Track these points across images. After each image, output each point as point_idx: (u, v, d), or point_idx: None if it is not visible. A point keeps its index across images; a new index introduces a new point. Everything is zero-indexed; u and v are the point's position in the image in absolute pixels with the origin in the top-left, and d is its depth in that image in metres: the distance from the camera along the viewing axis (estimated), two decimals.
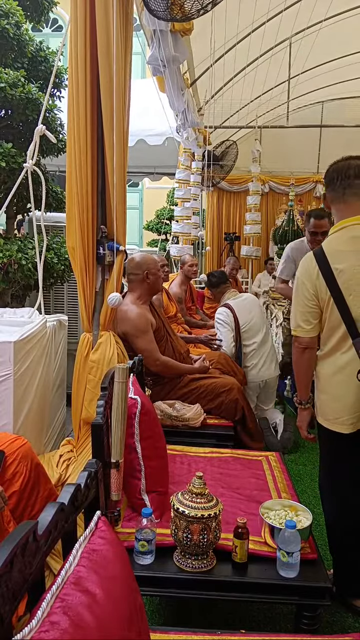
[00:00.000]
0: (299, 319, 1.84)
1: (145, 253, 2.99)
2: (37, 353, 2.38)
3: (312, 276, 1.79)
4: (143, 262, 2.82)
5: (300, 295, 1.84)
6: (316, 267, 1.78)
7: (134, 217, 11.97)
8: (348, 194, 1.80)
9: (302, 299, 1.82)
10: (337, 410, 1.81)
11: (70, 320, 3.24)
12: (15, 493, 1.71)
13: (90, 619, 0.84)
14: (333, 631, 1.86)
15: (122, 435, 1.62)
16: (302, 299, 1.83)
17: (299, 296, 1.84)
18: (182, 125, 4.49)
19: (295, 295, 1.87)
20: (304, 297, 1.82)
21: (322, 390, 1.88)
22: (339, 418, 1.80)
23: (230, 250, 7.54)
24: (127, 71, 2.21)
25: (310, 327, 1.83)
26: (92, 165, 2.22)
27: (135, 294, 2.81)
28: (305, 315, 1.82)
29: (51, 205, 3.93)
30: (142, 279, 2.79)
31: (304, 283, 1.82)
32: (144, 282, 2.80)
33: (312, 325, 1.82)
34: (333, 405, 1.83)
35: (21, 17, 3.54)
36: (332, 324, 1.78)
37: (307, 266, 1.82)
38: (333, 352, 1.81)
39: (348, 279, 1.72)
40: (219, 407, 2.79)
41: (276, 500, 1.86)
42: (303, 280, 1.82)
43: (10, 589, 0.78)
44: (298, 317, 1.85)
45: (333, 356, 1.81)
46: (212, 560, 1.60)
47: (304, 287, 1.81)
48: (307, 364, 1.89)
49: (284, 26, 4.15)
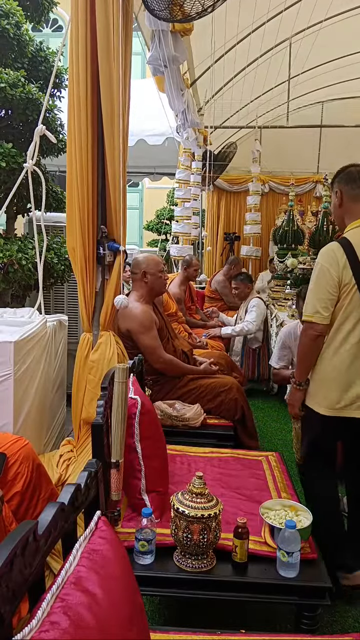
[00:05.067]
0: (318, 305, 1.87)
1: (151, 254, 3.00)
2: (37, 353, 2.38)
3: (340, 264, 1.85)
4: (142, 262, 2.84)
5: (323, 283, 1.87)
6: (344, 256, 1.84)
7: (134, 217, 11.97)
8: None
9: (325, 286, 1.87)
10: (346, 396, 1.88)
11: (70, 320, 3.24)
12: (17, 494, 1.71)
13: (90, 619, 0.84)
14: (333, 631, 1.86)
15: (122, 435, 1.62)
16: (324, 286, 1.87)
17: (321, 283, 1.88)
18: (182, 125, 4.49)
19: (317, 283, 1.90)
20: (327, 285, 1.86)
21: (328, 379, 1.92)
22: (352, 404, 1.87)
23: (230, 250, 7.54)
24: (127, 71, 2.20)
25: (327, 314, 1.87)
26: (93, 165, 2.22)
27: (137, 293, 2.83)
28: (325, 302, 1.87)
29: (51, 205, 3.93)
30: (139, 278, 2.82)
31: (329, 271, 1.86)
32: (142, 282, 2.82)
33: (329, 313, 1.87)
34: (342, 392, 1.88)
35: (21, 17, 3.54)
36: (347, 313, 1.85)
37: (334, 255, 1.87)
38: (345, 340, 1.87)
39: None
40: (219, 407, 2.79)
41: (276, 500, 1.86)
42: (328, 268, 1.87)
43: (10, 589, 0.78)
44: (317, 304, 1.88)
45: (346, 343, 1.87)
46: (212, 560, 1.60)
47: (329, 274, 1.86)
48: (315, 351, 1.95)
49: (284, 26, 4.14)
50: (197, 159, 5.34)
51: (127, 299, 2.29)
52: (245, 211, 6.91)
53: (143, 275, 2.82)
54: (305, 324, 1.93)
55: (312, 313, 1.89)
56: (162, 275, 2.88)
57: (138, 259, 2.88)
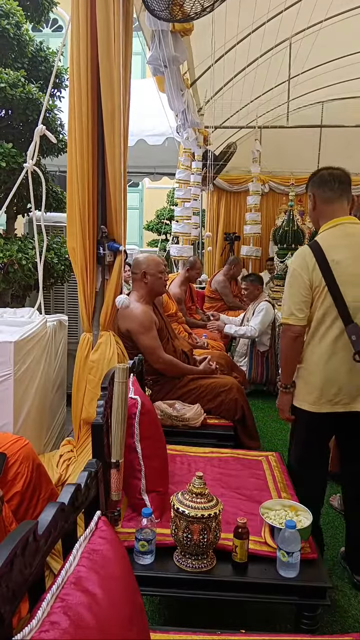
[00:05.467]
0: (293, 307, 1.96)
1: (151, 255, 2.99)
2: (37, 353, 2.38)
3: (309, 267, 1.92)
4: (143, 262, 2.84)
5: (295, 286, 1.95)
6: (313, 259, 1.91)
7: (134, 217, 11.97)
8: (343, 197, 1.99)
9: (298, 289, 1.94)
10: (327, 392, 1.94)
11: (70, 320, 3.24)
12: (17, 494, 1.71)
13: (90, 619, 0.84)
14: (333, 631, 1.86)
15: (122, 435, 1.62)
16: (297, 289, 1.94)
17: (294, 287, 1.96)
18: (182, 125, 4.49)
19: (290, 286, 1.98)
20: (299, 287, 1.94)
21: (310, 376, 1.99)
22: (333, 399, 1.93)
23: (230, 250, 7.54)
24: (127, 71, 2.20)
25: (302, 316, 1.95)
26: (93, 165, 2.22)
27: (138, 293, 2.83)
28: (299, 305, 1.94)
29: (51, 205, 3.93)
30: (139, 278, 2.82)
31: (301, 274, 1.94)
32: (141, 282, 2.83)
33: (304, 314, 1.95)
34: (324, 387, 1.94)
35: (21, 17, 3.54)
36: (321, 312, 1.92)
37: (304, 258, 1.94)
38: (322, 339, 1.94)
39: (343, 270, 1.88)
40: (219, 407, 2.79)
41: (276, 500, 1.86)
42: (299, 271, 1.94)
43: (10, 589, 0.78)
44: (292, 306, 1.96)
45: (322, 343, 1.94)
46: (212, 560, 1.60)
47: (301, 278, 1.93)
48: (296, 352, 2.02)
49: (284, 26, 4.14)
50: (197, 159, 5.34)
51: (128, 298, 2.29)
52: (245, 211, 6.91)
53: (143, 275, 2.82)
54: (284, 327, 2.02)
55: (287, 315, 1.98)
56: (162, 276, 2.87)
57: (138, 259, 2.88)
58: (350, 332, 1.86)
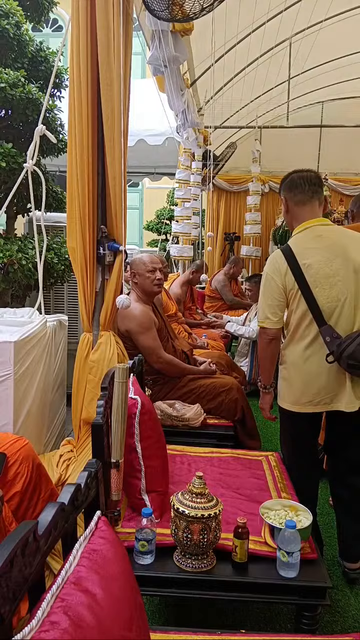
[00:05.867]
0: (267, 311, 2.00)
1: (146, 254, 2.99)
2: (37, 353, 2.38)
3: (281, 272, 1.96)
4: (132, 263, 2.88)
5: (269, 290, 2.00)
6: (285, 263, 1.95)
7: (134, 217, 11.97)
8: (314, 198, 2.01)
9: (271, 293, 1.99)
10: (307, 393, 1.97)
11: (70, 320, 3.24)
12: (17, 494, 1.71)
13: (90, 619, 0.84)
14: (333, 631, 1.86)
15: (122, 435, 1.62)
16: (270, 293, 1.99)
17: (267, 291, 2.01)
18: (182, 125, 4.49)
19: (264, 290, 2.03)
20: (272, 292, 1.99)
21: (290, 377, 2.03)
22: (313, 400, 1.97)
23: (230, 250, 7.54)
24: (127, 71, 2.20)
25: (276, 319, 2.00)
26: (93, 165, 2.22)
27: (135, 294, 2.84)
28: (273, 308, 1.99)
29: (51, 205, 3.94)
30: (130, 279, 2.87)
31: (273, 278, 1.98)
32: (132, 284, 2.87)
33: (278, 318, 2.00)
34: (304, 389, 1.98)
35: (21, 17, 3.54)
36: (298, 315, 1.96)
37: (276, 263, 1.98)
38: (300, 341, 1.98)
39: (315, 273, 1.91)
40: (219, 407, 2.79)
41: (276, 500, 1.86)
42: (272, 276, 1.99)
43: (10, 589, 0.78)
44: (266, 310, 2.01)
45: (300, 344, 1.98)
46: (212, 560, 1.60)
47: (274, 282, 1.98)
48: (272, 354, 2.09)
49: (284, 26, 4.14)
50: (197, 159, 5.33)
51: (129, 298, 2.29)
52: (245, 211, 6.90)
53: (132, 276, 2.85)
54: (260, 330, 2.07)
55: (263, 319, 2.03)
56: (150, 275, 2.79)
57: (130, 260, 2.90)
58: (324, 333, 1.89)
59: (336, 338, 1.87)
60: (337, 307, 1.90)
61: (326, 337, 1.89)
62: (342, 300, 1.89)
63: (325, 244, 1.94)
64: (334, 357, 1.88)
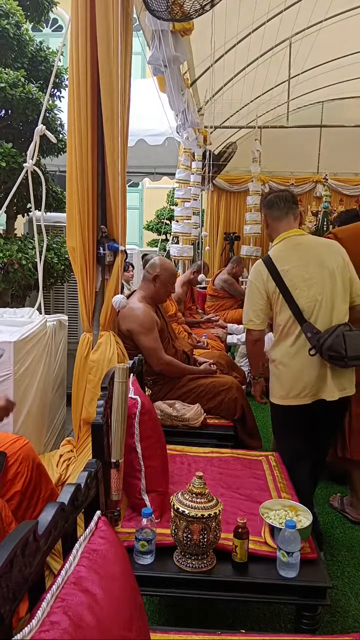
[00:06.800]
0: (251, 314, 2.22)
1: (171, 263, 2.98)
2: (37, 353, 2.38)
3: (263, 278, 2.16)
4: (159, 265, 2.85)
5: (252, 296, 2.22)
6: (266, 271, 2.16)
7: (134, 217, 11.97)
8: (289, 213, 2.25)
9: (254, 298, 2.20)
10: (296, 387, 2.12)
11: (70, 320, 3.24)
12: (17, 494, 1.71)
13: (90, 619, 0.84)
14: (333, 631, 1.86)
15: (122, 435, 1.62)
16: (253, 298, 2.21)
17: (250, 296, 2.22)
18: (182, 125, 4.48)
19: (248, 295, 2.25)
20: (254, 296, 2.20)
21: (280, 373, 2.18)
22: (301, 393, 2.12)
23: (231, 250, 7.54)
24: (127, 71, 2.20)
25: (259, 322, 2.22)
26: (93, 165, 2.22)
27: (143, 293, 2.84)
28: (257, 312, 2.21)
29: (51, 205, 3.94)
30: (150, 279, 2.82)
31: (256, 285, 2.19)
32: (150, 284, 2.83)
33: (261, 320, 2.22)
34: (292, 383, 2.13)
35: (21, 17, 3.54)
36: (282, 316, 2.15)
37: (258, 271, 2.20)
38: (286, 339, 2.15)
39: (293, 277, 2.11)
40: (219, 407, 2.79)
41: (276, 500, 1.86)
42: (255, 282, 2.20)
43: (10, 589, 0.78)
44: (250, 313, 2.22)
45: (286, 342, 2.15)
46: (212, 560, 1.60)
47: (256, 287, 2.19)
48: (257, 352, 2.34)
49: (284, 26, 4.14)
50: (197, 159, 5.34)
51: (125, 299, 2.29)
52: (245, 211, 6.91)
53: (154, 278, 2.82)
54: (246, 331, 2.31)
55: (246, 321, 2.25)
56: (170, 287, 2.92)
57: (156, 261, 2.87)
58: (306, 330, 2.07)
59: (316, 333, 2.05)
60: (316, 306, 2.09)
61: (307, 333, 2.07)
62: (320, 300, 2.09)
63: (301, 251, 2.16)
64: (316, 350, 2.05)
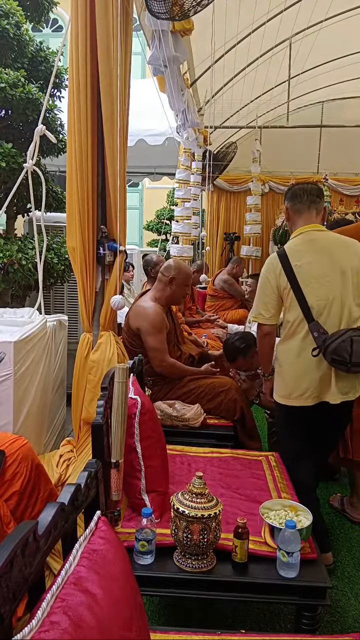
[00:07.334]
0: (261, 307, 2.18)
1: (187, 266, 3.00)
2: (37, 353, 2.38)
3: (276, 272, 2.12)
4: (175, 268, 2.85)
5: (263, 289, 2.18)
6: (279, 265, 2.11)
7: (134, 217, 11.96)
8: (312, 207, 2.18)
9: (265, 290, 2.17)
10: (299, 387, 2.09)
11: (70, 320, 3.24)
12: (15, 493, 1.71)
13: (90, 619, 0.84)
14: (333, 631, 1.86)
15: (122, 435, 1.62)
16: (264, 291, 2.17)
17: (262, 289, 2.18)
18: (182, 125, 4.48)
19: (260, 289, 2.20)
20: (266, 289, 2.16)
21: (284, 372, 2.15)
22: (304, 394, 2.08)
23: (231, 250, 7.53)
24: (127, 71, 2.20)
25: (269, 315, 2.17)
26: (92, 165, 2.22)
27: (156, 294, 2.85)
28: (266, 305, 2.16)
29: (51, 205, 3.94)
30: (166, 281, 2.83)
31: (268, 278, 2.15)
32: (166, 287, 2.84)
33: (271, 314, 2.17)
34: (295, 383, 2.10)
35: (21, 17, 3.54)
36: (291, 313, 2.10)
37: (271, 264, 2.16)
38: (293, 337, 2.11)
39: (305, 273, 2.06)
40: (218, 407, 2.79)
41: (276, 500, 1.86)
42: (267, 275, 2.16)
43: (10, 589, 0.78)
44: (260, 306, 2.18)
45: (293, 340, 2.10)
46: (212, 560, 1.60)
47: (268, 281, 2.15)
48: (268, 346, 2.28)
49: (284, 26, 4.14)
50: (197, 159, 5.33)
51: (123, 299, 2.29)
52: (245, 211, 6.90)
53: (170, 281, 2.82)
54: (257, 325, 2.25)
55: (255, 315, 2.21)
56: (187, 290, 2.91)
57: (171, 264, 2.88)
58: (313, 329, 2.03)
59: (323, 334, 2.01)
60: (327, 306, 2.04)
61: (314, 332, 2.03)
62: (331, 300, 2.04)
63: (316, 247, 2.11)
64: (320, 351, 2.01)
